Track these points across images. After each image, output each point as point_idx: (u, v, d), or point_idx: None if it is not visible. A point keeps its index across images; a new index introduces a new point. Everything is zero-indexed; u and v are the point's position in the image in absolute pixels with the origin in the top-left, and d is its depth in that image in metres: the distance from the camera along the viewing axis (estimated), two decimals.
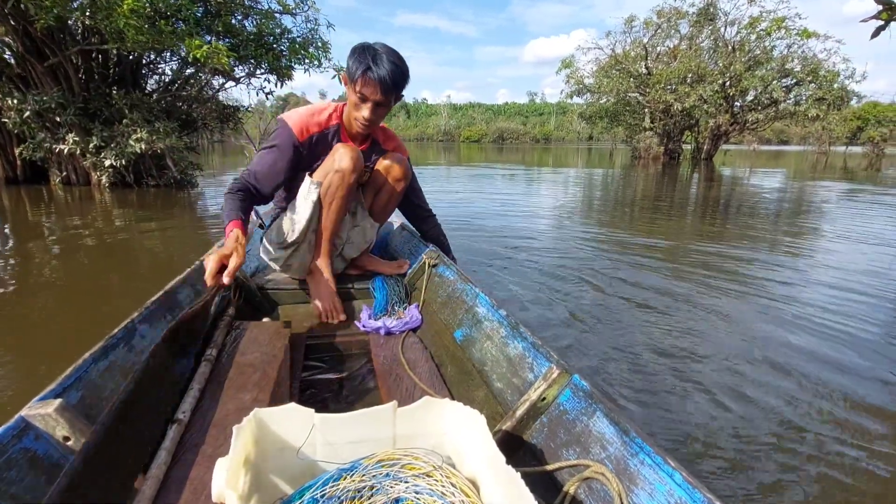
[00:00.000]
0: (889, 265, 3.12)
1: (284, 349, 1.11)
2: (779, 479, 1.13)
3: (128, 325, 0.92)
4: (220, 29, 6.10)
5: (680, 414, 1.39)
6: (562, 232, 4.10)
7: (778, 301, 2.37)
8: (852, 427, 1.36)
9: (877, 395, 1.53)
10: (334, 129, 1.41)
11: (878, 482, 1.14)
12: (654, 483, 0.61)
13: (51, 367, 1.50)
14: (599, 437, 0.72)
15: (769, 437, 1.30)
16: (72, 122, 5.72)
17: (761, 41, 15.40)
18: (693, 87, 15.30)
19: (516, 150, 32.57)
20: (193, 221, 4.31)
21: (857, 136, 25.83)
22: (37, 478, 0.61)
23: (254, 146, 10.53)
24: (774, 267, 3.03)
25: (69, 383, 0.72)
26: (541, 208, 5.50)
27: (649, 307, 2.22)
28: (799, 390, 1.54)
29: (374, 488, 0.55)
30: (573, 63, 18.49)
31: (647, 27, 16.96)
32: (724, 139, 17.89)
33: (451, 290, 1.40)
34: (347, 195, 1.39)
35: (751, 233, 4.14)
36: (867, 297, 2.45)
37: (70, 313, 2.06)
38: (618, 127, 20.37)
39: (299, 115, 1.37)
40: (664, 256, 3.23)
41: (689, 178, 10.40)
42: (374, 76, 1.24)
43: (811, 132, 20.66)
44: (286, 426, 0.63)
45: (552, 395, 0.84)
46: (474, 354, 1.11)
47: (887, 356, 1.79)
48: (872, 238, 3.97)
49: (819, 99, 14.94)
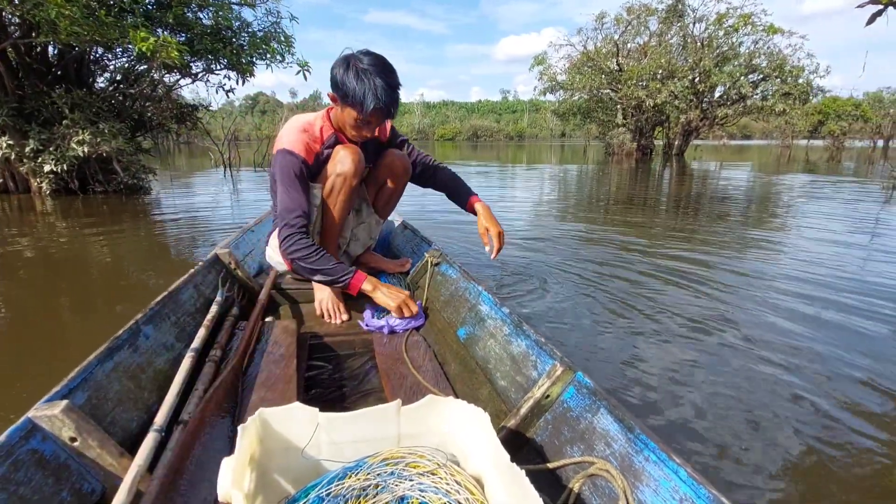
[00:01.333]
0: (853, 253, 3.26)
1: (289, 349, 1.12)
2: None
3: (132, 327, 0.93)
4: (172, 21, 5.54)
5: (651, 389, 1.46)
6: (543, 229, 4.10)
7: (751, 276, 2.63)
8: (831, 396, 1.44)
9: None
10: (331, 141, 1.37)
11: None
12: (658, 479, 0.61)
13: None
14: (604, 433, 0.72)
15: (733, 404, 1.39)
16: (4, 124, 5.12)
17: (729, 37, 15.73)
18: (664, 84, 15.51)
19: (491, 147, 32.96)
20: (146, 230, 3.87)
21: (818, 130, 26.91)
22: (45, 479, 0.62)
23: (218, 148, 10.10)
24: (749, 254, 3.22)
25: (75, 384, 0.73)
26: (526, 204, 5.51)
27: (629, 296, 2.29)
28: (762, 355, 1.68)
29: (379, 486, 0.55)
30: (546, 60, 18.55)
31: (617, 23, 17.08)
32: (695, 135, 18.14)
33: (454, 288, 1.40)
34: (350, 196, 1.38)
35: (725, 223, 4.31)
36: (838, 284, 2.58)
37: (11, 337, 1.79)
38: (591, 124, 20.55)
39: (297, 138, 1.30)
40: (643, 247, 3.36)
41: (661, 173, 10.56)
42: (381, 107, 1.19)
43: (776, 126, 21.22)
44: (291, 425, 0.63)
45: (556, 393, 0.84)
46: (478, 352, 1.11)
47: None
48: (843, 224, 4.23)
49: (785, 94, 15.32)
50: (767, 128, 27.06)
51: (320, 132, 1.35)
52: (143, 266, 2.78)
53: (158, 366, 0.95)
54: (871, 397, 1.43)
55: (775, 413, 1.35)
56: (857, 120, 25.67)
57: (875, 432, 1.27)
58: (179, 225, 4.01)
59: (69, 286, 2.44)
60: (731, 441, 1.22)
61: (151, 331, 0.99)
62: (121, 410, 0.79)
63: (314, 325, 1.39)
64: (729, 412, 1.34)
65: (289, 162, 1.27)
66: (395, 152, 1.54)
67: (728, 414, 1.34)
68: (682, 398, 1.41)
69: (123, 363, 0.86)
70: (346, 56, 1.21)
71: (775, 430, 1.28)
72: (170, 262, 2.90)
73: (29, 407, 0.66)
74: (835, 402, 1.41)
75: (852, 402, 1.40)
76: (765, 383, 1.50)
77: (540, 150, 27.40)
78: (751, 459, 1.16)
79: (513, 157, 17.77)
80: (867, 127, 25.22)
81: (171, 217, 4.43)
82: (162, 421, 0.76)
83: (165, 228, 3.95)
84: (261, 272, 1.68)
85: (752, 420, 1.31)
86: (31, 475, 0.60)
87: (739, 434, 1.25)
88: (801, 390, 1.47)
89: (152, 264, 2.84)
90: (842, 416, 1.34)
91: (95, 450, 0.68)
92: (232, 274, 1.48)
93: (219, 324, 1.23)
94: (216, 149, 10.33)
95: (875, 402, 1.41)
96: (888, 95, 27.68)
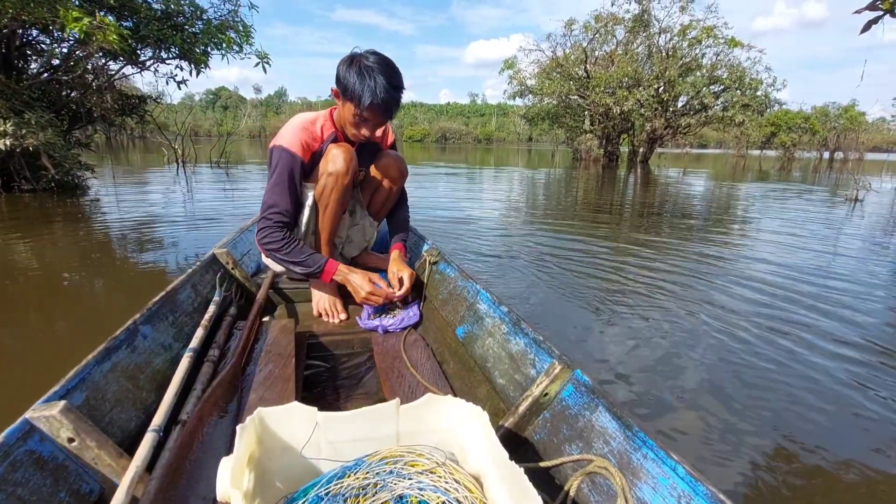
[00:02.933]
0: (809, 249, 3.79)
1: (287, 348, 1.12)
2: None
3: (129, 327, 0.93)
4: (114, 3, 5.04)
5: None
6: (514, 229, 4.28)
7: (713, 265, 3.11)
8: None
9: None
10: (331, 139, 1.36)
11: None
12: (657, 477, 0.62)
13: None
14: (602, 431, 0.72)
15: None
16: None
17: (692, 48, 16.23)
18: (631, 92, 15.88)
19: (459, 149, 33.52)
20: (81, 233, 3.51)
21: (770, 141, 28.53)
22: (42, 479, 0.61)
23: (171, 143, 9.64)
24: (717, 249, 3.66)
25: (73, 385, 0.72)
26: (502, 209, 5.56)
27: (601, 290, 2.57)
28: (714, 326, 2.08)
29: (378, 485, 0.55)
30: (516, 64, 18.68)
31: (586, 31, 17.25)
32: (659, 143, 18.61)
33: (453, 286, 1.40)
34: (343, 196, 1.37)
35: (688, 225, 4.74)
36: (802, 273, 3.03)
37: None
38: (559, 129, 20.74)
39: (295, 136, 1.30)
40: (611, 244, 3.70)
41: (627, 179, 11.03)
42: (378, 103, 1.19)
43: (733, 136, 22.18)
44: (289, 425, 0.63)
45: (554, 391, 0.84)
46: (476, 351, 1.11)
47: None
48: (798, 225, 4.86)
49: (745, 105, 15.95)
50: (722, 137, 28.82)
51: (321, 130, 1.35)
52: (75, 273, 2.54)
53: (156, 366, 0.95)
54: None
55: (705, 363, 1.75)
56: (806, 132, 27.52)
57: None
58: (120, 228, 3.68)
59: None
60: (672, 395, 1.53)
61: (149, 331, 0.98)
62: (119, 411, 0.79)
63: (312, 324, 1.39)
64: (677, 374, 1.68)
65: (283, 159, 1.27)
66: (391, 154, 1.54)
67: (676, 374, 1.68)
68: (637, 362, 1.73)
69: (121, 363, 0.86)
70: (352, 53, 1.22)
71: (698, 373, 1.67)
72: (106, 270, 2.65)
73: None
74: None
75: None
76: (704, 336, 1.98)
77: (508, 153, 28.11)
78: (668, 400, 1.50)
79: (481, 160, 18.15)
80: (815, 139, 27.32)
81: (113, 219, 4.05)
82: (160, 421, 0.76)
83: (102, 232, 3.58)
84: (258, 272, 1.68)
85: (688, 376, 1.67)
86: (28, 476, 0.60)
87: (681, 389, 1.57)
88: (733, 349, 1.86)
89: (86, 272, 2.58)
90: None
91: (93, 450, 0.67)
92: (229, 274, 1.48)
93: (217, 324, 1.23)
94: (170, 145, 9.87)
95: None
96: (833, 110, 30.07)
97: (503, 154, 26.29)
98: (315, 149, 1.33)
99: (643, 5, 16.14)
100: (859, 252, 3.66)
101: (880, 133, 25.69)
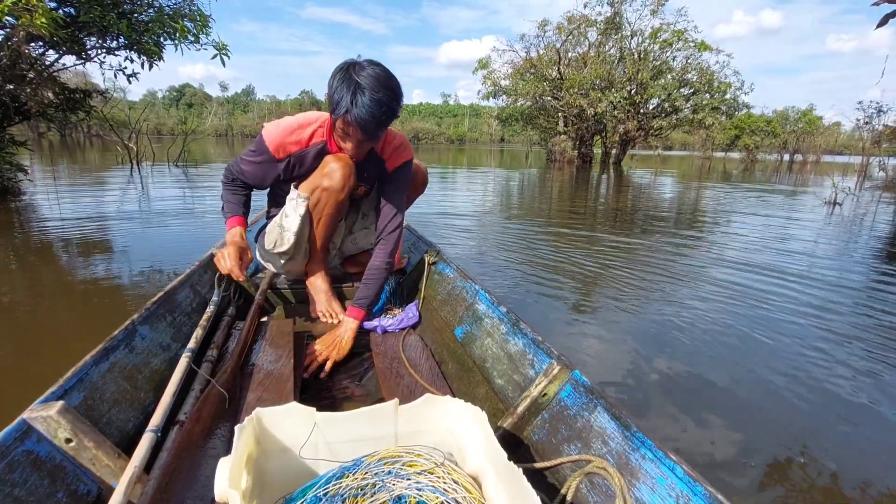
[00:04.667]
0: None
1: (286, 348, 1.12)
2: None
3: (128, 327, 0.92)
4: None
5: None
6: (491, 227, 4.34)
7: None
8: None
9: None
10: (318, 148, 1.28)
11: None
12: (655, 477, 0.62)
13: None
14: (601, 432, 0.72)
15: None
16: None
17: (663, 51, 16.51)
18: (604, 93, 16.09)
19: (432, 149, 33.44)
20: (14, 242, 3.14)
21: (734, 144, 29.48)
22: (40, 480, 0.61)
23: (123, 141, 9.09)
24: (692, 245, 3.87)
25: (70, 385, 0.72)
26: (483, 209, 5.55)
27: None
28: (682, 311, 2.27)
29: (377, 486, 0.55)
30: (490, 64, 18.71)
31: (559, 32, 17.32)
32: (632, 145, 18.86)
33: (451, 287, 1.40)
34: (338, 210, 1.33)
35: (660, 224, 4.89)
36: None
37: None
38: (532, 130, 20.84)
39: (278, 132, 1.26)
40: (595, 243, 3.79)
41: (599, 180, 11.20)
42: (351, 119, 1.09)
43: (698, 139, 22.97)
44: (288, 425, 0.63)
45: (553, 391, 0.84)
46: (475, 351, 1.11)
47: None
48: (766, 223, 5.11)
49: (714, 108, 16.34)
50: (687, 140, 29.87)
51: (309, 136, 1.27)
52: (21, 291, 2.24)
53: (155, 366, 0.95)
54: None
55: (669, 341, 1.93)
56: (768, 135, 28.39)
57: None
58: (60, 237, 3.28)
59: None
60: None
61: (147, 331, 0.98)
62: (117, 411, 0.79)
63: (310, 324, 1.39)
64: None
65: (257, 143, 1.28)
66: (418, 164, 1.51)
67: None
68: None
69: (119, 363, 0.85)
70: (349, 61, 1.14)
71: (667, 352, 1.82)
72: (38, 285, 2.34)
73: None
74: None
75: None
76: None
77: (481, 154, 28.22)
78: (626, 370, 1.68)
79: (455, 160, 18.19)
80: (776, 142, 28.11)
81: (51, 226, 3.59)
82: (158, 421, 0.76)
83: (38, 241, 3.17)
84: (257, 272, 1.68)
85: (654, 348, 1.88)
86: (26, 476, 0.60)
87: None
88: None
89: (22, 289, 2.27)
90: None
91: (91, 451, 0.67)
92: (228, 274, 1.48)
93: (215, 324, 1.23)
94: (123, 143, 9.17)
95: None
96: (793, 114, 31.47)
97: (476, 154, 26.40)
98: (291, 151, 1.27)
99: (615, 8, 16.32)
100: (838, 253, 3.79)
101: (833, 136, 27.38)
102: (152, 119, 51.93)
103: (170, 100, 69.81)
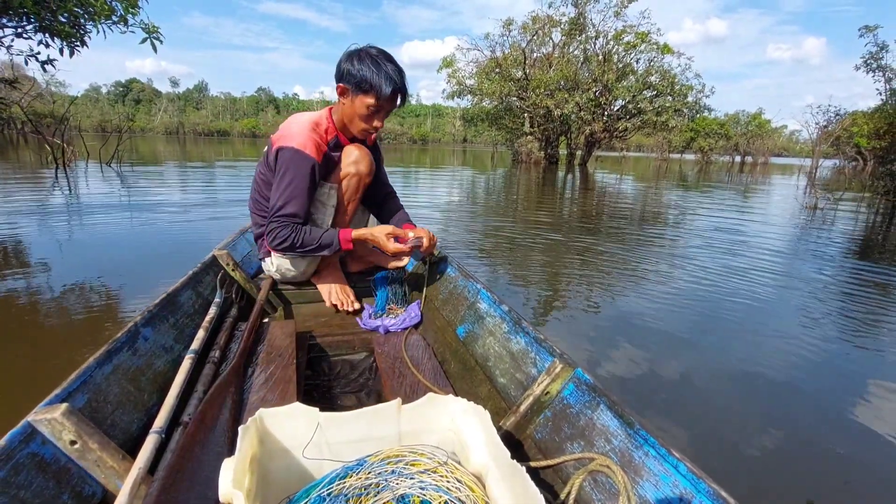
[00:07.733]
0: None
1: (288, 349, 1.12)
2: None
3: (131, 329, 0.93)
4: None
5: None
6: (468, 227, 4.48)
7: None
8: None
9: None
10: (335, 141, 1.35)
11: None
12: (658, 474, 0.62)
13: None
14: (604, 429, 0.72)
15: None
16: None
17: (627, 53, 16.73)
18: (570, 94, 16.25)
19: (395, 150, 33.36)
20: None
21: (689, 146, 30.35)
22: (45, 482, 0.62)
23: (51, 140, 8.37)
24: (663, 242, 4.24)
25: (75, 387, 0.72)
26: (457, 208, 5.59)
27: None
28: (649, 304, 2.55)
29: (380, 485, 0.55)
30: (454, 63, 18.62)
31: (524, 31, 17.32)
32: (598, 146, 19.07)
33: (453, 286, 1.40)
34: (362, 195, 1.43)
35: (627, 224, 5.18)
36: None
37: None
38: (498, 130, 20.83)
39: (309, 137, 1.25)
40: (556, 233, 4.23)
41: (565, 180, 11.40)
42: (399, 88, 1.22)
43: (656, 141, 23.39)
44: (291, 425, 0.63)
45: (556, 390, 0.84)
46: (477, 350, 1.11)
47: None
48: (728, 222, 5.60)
49: (677, 110, 16.71)
50: (645, 141, 31.07)
51: (325, 131, 1.32)
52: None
53: (158, 368, 0.95)
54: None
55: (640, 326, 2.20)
56: (721, 137, 29.35)
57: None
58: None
59: None
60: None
61: (150, 333, 0.98)
62: (121, 413, 0.79)
63: (313, 325, 1.39)
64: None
65: (298, 161, 1.23)
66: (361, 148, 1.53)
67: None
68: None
69: (123, 365, 0.86)
70: (353, 49, 1.22)
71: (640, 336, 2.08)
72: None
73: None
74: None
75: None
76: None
77: (444, 154, 28.35)
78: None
79: (418, 160, 18.18)
80: (728, 144, 29.48)
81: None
82: (162, 423, 0.76)
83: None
84: (259, 273, 1.68)
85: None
86: (31, 479, 0.60)
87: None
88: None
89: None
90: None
91: (96, 452, 0.67)
92: (230, 275, 1.48)
93: (218, 325, 1.23)
94: (51, 140, 8.39)
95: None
96: (743, 117, 32.35)
97: (440, 155, 26.45)
98: (324, 150, 1.31)
99: (579, 9, 16.42)
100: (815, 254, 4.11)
101: (779, 138, 28.61)
102: (95, 115, 49.93)
103: (115, 95, 67.68)
